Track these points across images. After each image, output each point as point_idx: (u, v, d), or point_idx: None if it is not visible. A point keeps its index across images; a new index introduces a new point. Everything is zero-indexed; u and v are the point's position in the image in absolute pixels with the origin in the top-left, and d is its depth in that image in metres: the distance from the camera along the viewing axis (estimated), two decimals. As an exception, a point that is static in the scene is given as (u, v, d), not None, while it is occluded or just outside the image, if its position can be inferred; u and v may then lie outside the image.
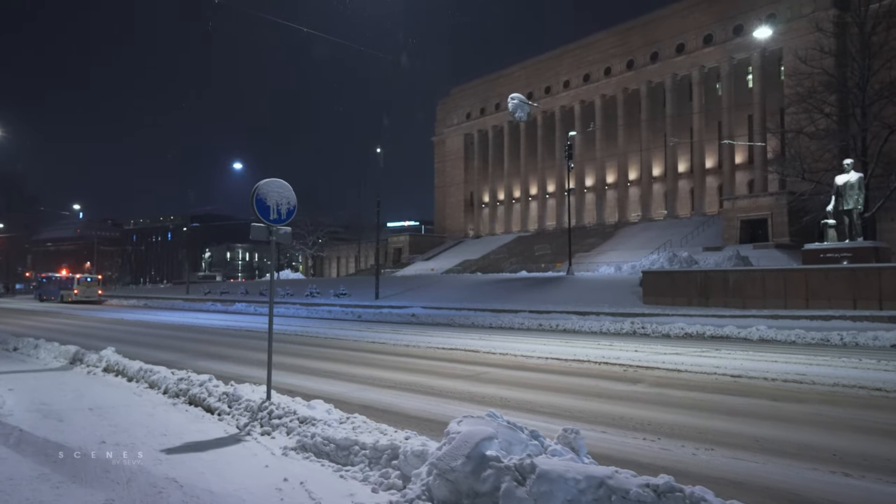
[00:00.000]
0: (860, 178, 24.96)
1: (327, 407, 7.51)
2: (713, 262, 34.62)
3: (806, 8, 52.79)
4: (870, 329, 18.24)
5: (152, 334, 21.14)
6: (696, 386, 9.85)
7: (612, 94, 69.50)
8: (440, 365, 12.64)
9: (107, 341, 17.42)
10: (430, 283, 48.28)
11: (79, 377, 11.29)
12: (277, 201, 7.89)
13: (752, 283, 24.79)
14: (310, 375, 11.56)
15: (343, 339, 18.46)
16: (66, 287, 55.96)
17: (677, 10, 63.80)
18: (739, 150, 60.52)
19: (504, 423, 4.37)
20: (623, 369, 11.45)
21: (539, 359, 13.23)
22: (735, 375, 10.55)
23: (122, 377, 10.99)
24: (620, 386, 9.94)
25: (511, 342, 17.01)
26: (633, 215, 68.39)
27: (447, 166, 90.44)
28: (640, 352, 14.41)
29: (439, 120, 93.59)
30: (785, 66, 54.81)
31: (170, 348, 16.44)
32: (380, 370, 12.09)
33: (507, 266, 61.06)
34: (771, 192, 50.86)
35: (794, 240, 45.78)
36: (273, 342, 8.68)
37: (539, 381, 10.61)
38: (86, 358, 12.60)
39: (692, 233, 54.43)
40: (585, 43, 73.00)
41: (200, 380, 9.12)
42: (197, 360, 13.89)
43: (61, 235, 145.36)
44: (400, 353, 14.84)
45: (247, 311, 38.22)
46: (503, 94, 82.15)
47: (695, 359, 12.86)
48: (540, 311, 28.65)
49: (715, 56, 60.31)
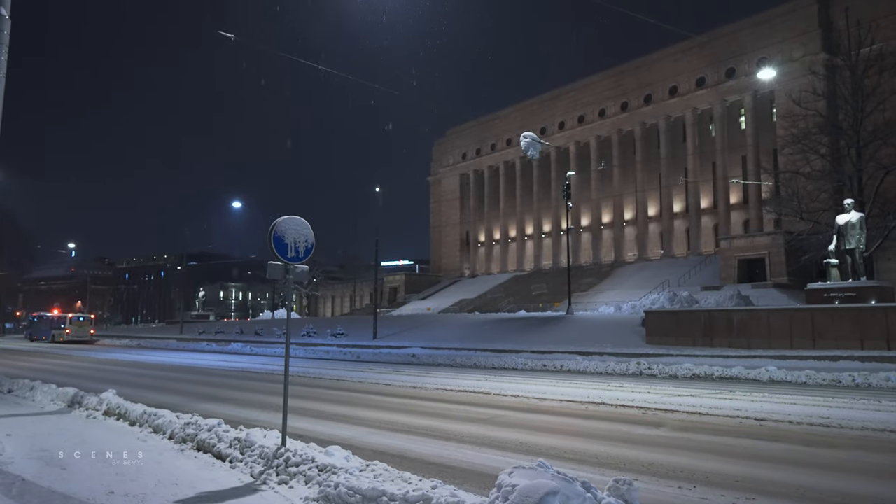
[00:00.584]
0: (861, 217, 25.04)
1: (345, 453, 7.18)
2: (714, 301, 34.45)
3: (796, 52, 53.87)
4: (880, 370, 17.98)
5: (150, 375, 20.64)
6: (721, 430, 9.55)
7: (606, 135, 70.31)
8: (451, 408, 12.29)
9: (103, 383, 16.96)
10: (427, 323, 47.85)
11: (79, 421, 10.88)
12: (295, 239, 7.70)
13: (757, 323, 24.58)
14: (318, 419, 11.19)
15: (347, 380, 18.05)
16: (58, 326, 55.13)
17: (670, 53, 65.04)
18: (734, 190, 61.03)
19: (556, 475, 4.09)
20: (642, 412, 11.13)
21: (552, 401, 12.89)
22: (759, 419, 10.25)
23: (124, 421, 10.58)
24: (643, 430, 9.62)
25: (519, 384, 16.65)
26: (629, 255, 68.46)
27: (443, 206, 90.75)
28: (653, 393, 14.09)
29: (435, 160, 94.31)
30: (777, 108, 55.66)
31: (169, 390, 15.99)
32: (390, 413, 11.73)
33: (504, 306, 60.71)
34: (767, 231, 51.11)
35: (792, 279, 45.79)
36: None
37: (557, 424, 10.28)
38: (85, 401, 12.18)
39: (689, 272, 54.40)
40: (580, 85, 74.16)
41: (209, 424, 8.76)
42: (199, 402, 13.47)
43: (53, 274, 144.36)
44: (407, 396, 14.46)
45: (243, 351, 37.64)
46: (499, 134, 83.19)
47: (712, 401, 12.56)
48: (542, 352, 28.29)
49: (708, 98, 61.28)
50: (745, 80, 58.04)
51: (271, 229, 7.57)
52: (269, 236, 7.54)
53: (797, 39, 53.93)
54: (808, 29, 53.71)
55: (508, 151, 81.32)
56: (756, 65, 57.56)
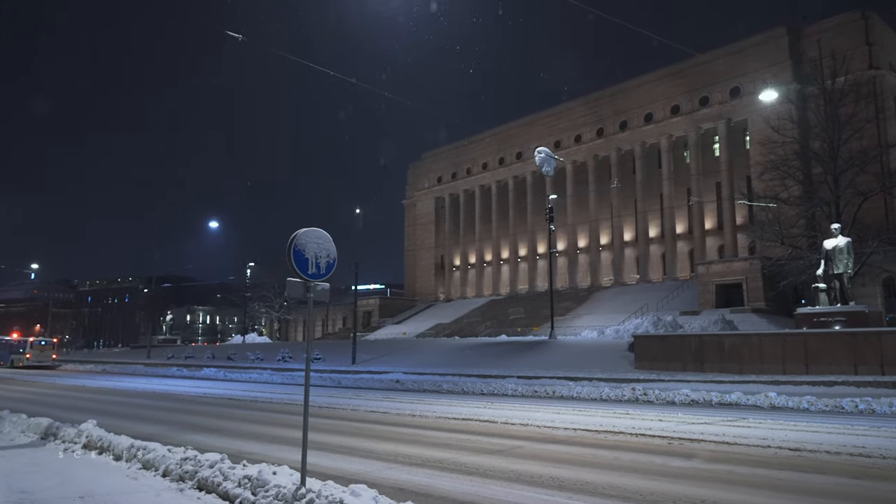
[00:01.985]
0: (848, 242, 25.09)
1: (372, 493, 6.43)
2: (698, 326, 34.36)
3: (768, 82, 54.97)
4: (879, 395, 17.79)
5: (124, 403, 19.40)
6: (759, 461, 8.99)
7: (582, 161, 70.77)
8: (462, 438, 11.53)
9: (76, 412, 15.81)
10: (405, 348, 46.93)
11: (56, 456, 9.87)
12: (316, 253, 6.98)
13: (749, 347, 24.35)
14: (321, 451, 10.35)
15: (338, 407, 17.11)
16: (17, 351, 52.55)
17: (645, 81, 66.03)
18: (709, 216, 61.70)
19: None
20: (667, 442, 10.53)
21: (566, 430, 12.22)
22: (793, 449, 9.73)
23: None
24: (677, 462, 9.01)
25: (520, 411, 15.97)
26: (605, 279, 68.54)
27: (418, 229, 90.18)
28: (664, 421, 13.54)
29: (410, 183, 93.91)
30: (750, 136, 56.70)
31: (149, 420, 14.89)
32: (398, 444, 10.94)
33: (482, 330, 60.05)
34: (745, 257, 51.58)
35: (770, 304, 46.14)
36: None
37: (582, 456, 9.61)
38: (61, 432, 11.13)
39: (667, 297, 54.51)
40: (556, 111, 74.75)
41: (210, 460, 7.89)
42: (184, 433, 12.48)
43: (11, 297, 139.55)
44: (408, 424, 13.67)
45: (217, 376, 36.21)
46: (475, 159, 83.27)
47: (732, 429, 12.05)
48: (529, 377, 27.67)
49: (682, 126, 62.16)
50: (718, 108, 59.12)
51: (290, 242, 6.85)
52: (289, 250, 6.82)
53: (769, 69, 55.11)
54: (779, 59, 55.00)
55: (484, 175, 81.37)
56: (729, 94, 58.78)
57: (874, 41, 50.91)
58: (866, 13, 52.29)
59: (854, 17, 52.38)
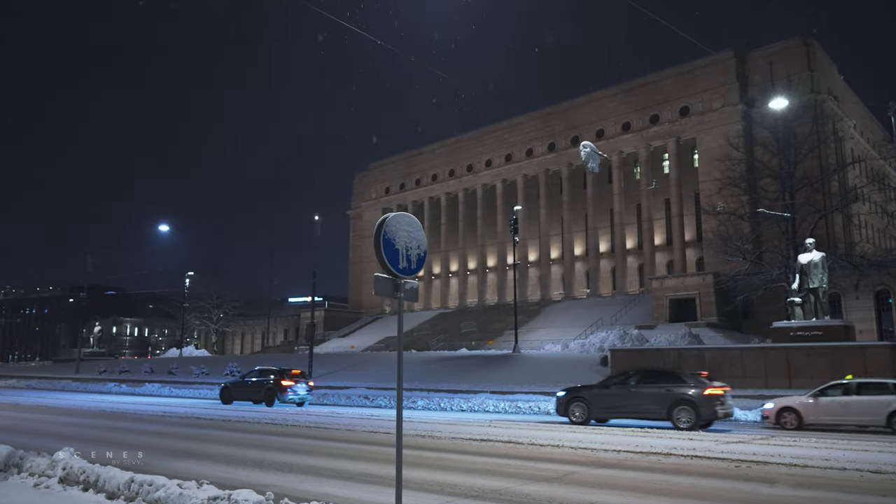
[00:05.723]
0: (823, 257, 25.31)
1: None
2: (665, 339, 34.23)
3: (716, 102, 56.51)
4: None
5: (75, 424, 17.11)
6: (848, 487, 8.20)
7: (533, 175, 70.84)
8: (501, 463, 10.32)
9: (22, 435, 13.68)
10: (360, 362, 45.24)
11: (28, 494, 8.07)
12: (407, 244, 5.71)
13: (731, 361, 24.13)
14: (337, 480, 8.97)
15: (330, 426, 15.50)
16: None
17: (596, 98, 66.82)
18: (658, 231, 62.66)
19: None
20: (734, 465, 9.63)
21: (606, 451, 11.18)
22: (873, 471, 9.01)
23: (96, 492, 7.91)
24: (764, 489, 8.11)
25: (532, 430, 14.94)
26: (555, 293, 68.54)
27: (364, 241, 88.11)
28: (694, 440, 12.74)
29: (356, 193, 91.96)
30: (699, 154, 58.00)
31: (116, 444, 12.81)
32: (433, 472, 9.63)
33: (434, 343, 58.70)
34: (698, 272, 52.34)
35: (723, 319, 46.87)
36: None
37: (650, 483, 8.58)
38: (27, 463, 9.23)
39: (620, 311, 54.73)
40: (507, 125, 74.73)
41: (252, 500, 6.40)
42: (171, 460, 10.72)
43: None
44: (424, 447, 12.37)
45: (161, 392, 33.59)
46: (424, 170, 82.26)
47: (778, 448, 11.34)
48: (503, 392, 26.74)
49: (633, 142, 63.04)
50: (668, 126, 60.26)
51: (379, 228, 5.56)
52: (377, 238, 5.52)
53: (717, 90, 56.65)
54: (727, 81, 56.57)
55: (434, 187, 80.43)
56: (679, 112, 60.06)
57: (815, 67, 52.97)
58: (808, 40, 54.46)
59: (796, 43, 54.45)
